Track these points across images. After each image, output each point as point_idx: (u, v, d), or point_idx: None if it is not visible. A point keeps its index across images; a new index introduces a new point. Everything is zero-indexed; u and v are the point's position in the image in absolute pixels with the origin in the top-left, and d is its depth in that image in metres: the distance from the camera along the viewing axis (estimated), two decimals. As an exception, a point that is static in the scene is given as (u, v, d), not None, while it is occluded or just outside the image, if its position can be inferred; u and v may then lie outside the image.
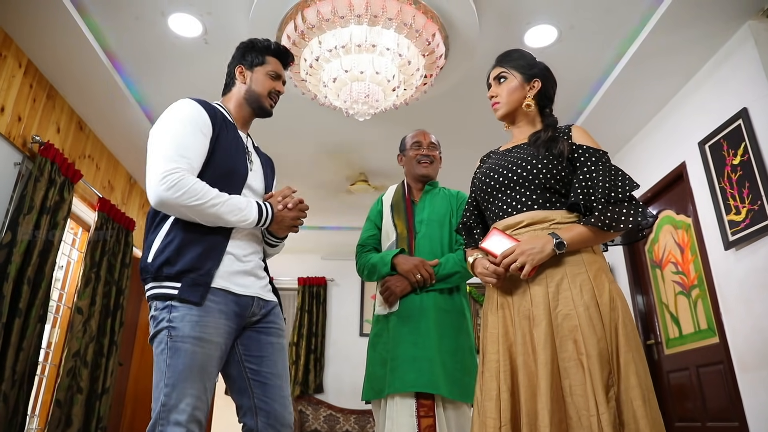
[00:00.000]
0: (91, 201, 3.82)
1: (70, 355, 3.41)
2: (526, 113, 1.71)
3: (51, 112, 3.30)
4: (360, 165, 4.69)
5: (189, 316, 1.43)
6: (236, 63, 1.80)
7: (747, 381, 2.80)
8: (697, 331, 3.30)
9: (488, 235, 1.55)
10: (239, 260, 1.57)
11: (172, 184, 1.43)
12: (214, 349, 1.46)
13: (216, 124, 1.60)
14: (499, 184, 1.62)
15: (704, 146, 3.12)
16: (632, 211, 1.46)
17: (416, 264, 2.08)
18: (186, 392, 1.40)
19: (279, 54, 1.81)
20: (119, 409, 4.12)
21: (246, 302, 1.57)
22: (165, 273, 1.45)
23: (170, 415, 1.38)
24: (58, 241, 3.14)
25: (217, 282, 1.49)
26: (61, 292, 3.76)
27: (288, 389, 1.62)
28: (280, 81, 1.80)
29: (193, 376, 1.41)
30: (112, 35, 3.02)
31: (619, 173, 1.52)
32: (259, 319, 1.63)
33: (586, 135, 1.63)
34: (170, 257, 1.46)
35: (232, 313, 1.51)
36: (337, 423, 5.55)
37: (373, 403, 2.14)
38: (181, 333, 1.43)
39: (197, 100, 1.63)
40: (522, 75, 1.69)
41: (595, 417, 1.28)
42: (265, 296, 1.64)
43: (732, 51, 2.95)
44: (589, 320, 1.37)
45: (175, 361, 1.41)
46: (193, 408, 1.40)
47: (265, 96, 1.76)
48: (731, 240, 2.88)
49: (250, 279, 1.59)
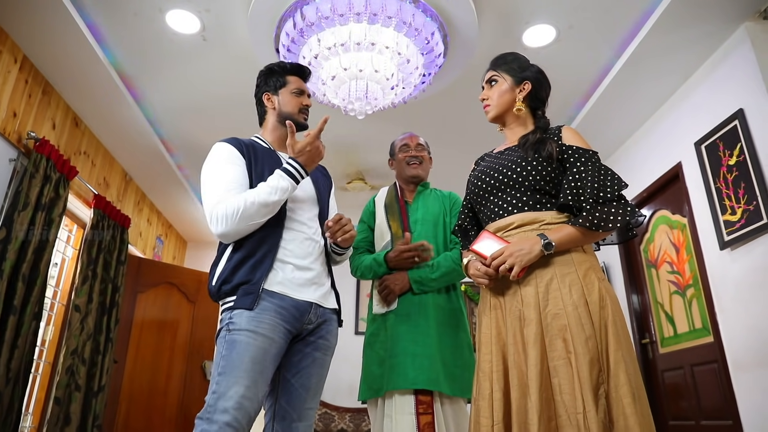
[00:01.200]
0: (87, 198, 3.80)
1: (69, 353, 3.39)
2: (517, 116, 1.72)
3: (46, 108, 3.28)
4: (357, 163, 4.70)
5: (246, 313, 1.55)
6: (261, 91, 1.93)
7: (741, 380, 2.82)
8: (692, 331, 3.33)
9: (479, 237, 1.57)
10: (298, 269, 1.67)
11: (216, 219, 1.60)
12: (269, 344, 1.54)
13: (245, 154, 1.74)
14: (490, 187, 1.64)
15: (700, 146, 3.14)
16: (620, 210, 1.47)
17: (400, 248, 2.11)
18: (236, 381, 1.46)
19: (297, 71, 1.93)
20: (114, 407, 4.10)
21: (304, 307, 1.65)
22: (224, 290, 1.61)
23: (218, 401, 1.44)
24: (53, 238, 3.11)
25: (274, 287, 1.60)
26: (56, 290, 3.74)
27: (313, 403, 1.67)
28: (305, 95, 1.92)
29: (244, 365, 1.48)
30: (109, 31, 3.00)
31: (609, 173, 1.53)
32: (312, 329, 1.69)
33: (576, 136, 1.64)
34: (227, 277, 1.61)
35: (288, 315, 1.60)
36: (333, 421, 5.55)
37: (369, 403, 2.14)
38: (238, 327, 1.54)
39: (226, 139, 1.79)
40: (512, 78, 1.71)
41: (582, 415, 1.29)
42: (325, 304, 1.71)
43: (729, 52, 2.97)
44: (578, 319, 1.39)
45: (229, 351, 1.51)
46: (240, 396, 1.44)
47: (296, 113, 1.88)
48: (726, 240, 2.90)
49: (311, 287, 1.68)
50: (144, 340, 4.47)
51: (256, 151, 1.79)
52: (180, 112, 3.80)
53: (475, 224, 1.75)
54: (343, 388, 5.82)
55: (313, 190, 1.85)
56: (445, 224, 2.29)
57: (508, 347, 1.46)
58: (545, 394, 1.35)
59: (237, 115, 3.80)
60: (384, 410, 2.01)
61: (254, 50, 3.09)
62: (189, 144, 4.24)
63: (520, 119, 1.72)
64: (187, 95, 3.60)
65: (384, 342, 2.11)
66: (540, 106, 1.74)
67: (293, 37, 2.78)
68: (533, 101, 1.72)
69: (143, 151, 4.17)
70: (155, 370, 4.49)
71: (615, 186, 1.50)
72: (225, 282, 1.60)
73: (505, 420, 1.40)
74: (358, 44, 2.69)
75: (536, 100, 1.72)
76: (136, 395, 4.31)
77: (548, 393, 1.36)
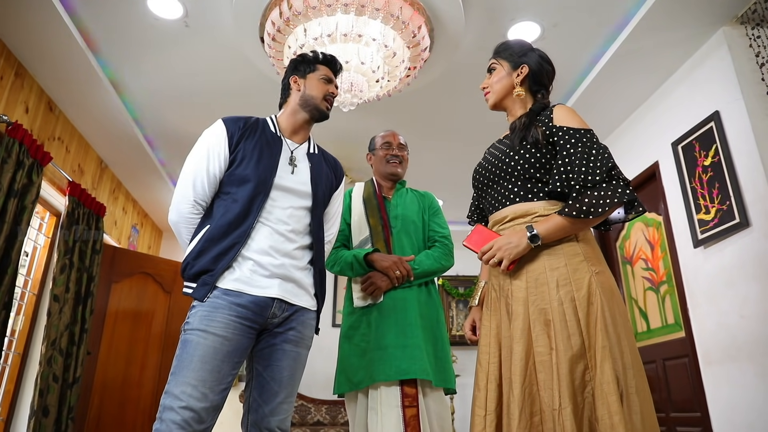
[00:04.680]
0: (60, 185, 3.69)
1: (49, 343, 3.31)
2: (518, 100, 1.68)
3: (19, 91, 3.17)
4: (338, 156, 4.66)
5: (200, 311, 1.56)
6: (289, 75, 1.90)
7: (710, 374, 2.92)
8: (665, 326, 3.42)
9: (472, 232, 1.58)
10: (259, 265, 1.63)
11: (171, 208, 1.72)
12: (220, 343, 1.52)
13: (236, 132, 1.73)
14: (487, 180, 1.63)
15: (677, 147, 3.22)
16: (609, 192, 1.40)
17: (395, 261, 2.12)
18: (183, 380, 1.47)
19: (328, 62, 1.91)
20: (87, 398, 4.02)
21: (265, 302, 1.61)
22: (187, 273, 1.63)
23: (167, 400, 1.46)
24: (25, 226, 3.02)
25: (229, 284, 1.59)
26: (27, 279, 3.63)
27: (286, 396, 1.63)
28: (333, 84, 1.90)
29: (193, 364, 1.48)
30: (87, 13, 2.91)
31: (598, 153, 1.44)
32: (280, 323, 1.66)
33: (569, 114, 1.54)
34: (191, 260, 1.63)
35: (246, 311, 1.58)
36: (309, 413, 5.54)
37: (347, 396, 2.13)
38: (191, 326, 1.55)
39: (227, 118, 1.77)
40: (509, 63, 1.68)
41: (557, 411, 1.29)
42: (291, 299, 1.66)
43: (706, 55, 3.04)
44: (562, 316, 1.38)
45: (181, 351, 1.53)
46: (188, 396, 1.44)
47: (320, 99, 1.85)
48: (700, 238, 2.98)
49: (275, 281, 1.64)
50: (118, 331, 4.38)
51: (255, 131, 1.76)
52: (159, 99, 3.72)
53: (484, 216, 1.76)
54: (320, 381, 5.81)
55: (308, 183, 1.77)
56: (424, 222, 2.34)
57: (503, 340, 1.47)
58: (529, 388, 1.36)
59: (218, 105, 3.74)
60: (367, 403, 2.01)
61: (238, 38, 3.04)
62: (168, 132, 4.16)
63: (520, 104, 1.67)
64: (167, 82, 3.52)
65: (366, 335, 2.11)
66: (541, 90, 1.67)
67: (279, 26, 2.74)
68: (534, 85, 1.67)
69: (120, 139, 4.07)
70: (129, 362, 4.41)
71: (603, 167, 1.42)
72: (189, 265, 1.62)
73: (497, 410, 1.42)
74: (344, 35, 2.67)
75: (537, 84, 1.67)
76: (109, 387, 4.23)
77: (533, 388, 1.37)
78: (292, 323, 1.67)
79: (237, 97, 3.66)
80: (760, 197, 2.63)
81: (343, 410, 5.38)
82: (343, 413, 5.46)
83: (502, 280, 1.54)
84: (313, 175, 1.81)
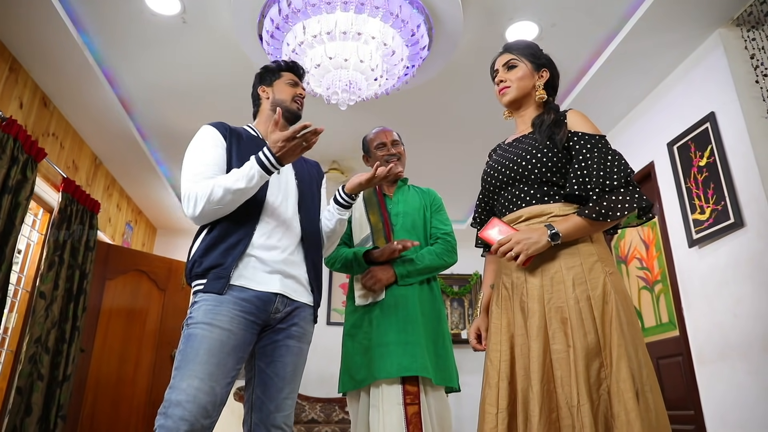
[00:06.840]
0: (54, 181, 3.66)
1: (32, 341, 3.27)
2: (534, 101, 1.71)
3: (13, 86, 3.14)
4: (333, 154, 4.66)
5: (204, 305, 1.55)
6: (257, 86, 1.98)
7: (704, 373, 2.95)
8: (659, 325, 3.45)
9: (488, 224, 1.57)
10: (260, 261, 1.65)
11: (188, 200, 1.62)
12: (226, 336, 1.52)
13: (227, 138, 1.77)
14: (500, 182, 1.64)
15: (673, 147, 3.24)
16: (627, 197, 1.45)
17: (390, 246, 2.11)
18: (190, 374, 1.45)
19: (291, 68, 1.99)
20: (80, 396, 4.00)
21: (268, 297, 1.63)
22: (195, 272, 1.62)
23: (173, 395, 1.44)
24: (19, 222, 3.00)
25: (233, 280, 1.60)
26: (20, 276, 3.60)
27: (290, 392, 1.65)
28: (299, 86, 1.97)
29: (199, 358, 1.47)
30: (84, 8, 2.89)
31: (615, 159, 1.50)
32: (282, 318, 1.67)
33: (583, 120, 1.61)
34: (198, 258, 1.63)
35: (250, 306, 1.59)
36: (303, 411, 5.53)
37: (350, 395, 2.13)
38: (195, 320, 1.55)
39: (212, 123, 1.81)
40: (532, 64, 1.71)
41: (576, 408, 1.31)
42: (292, 295, 1.69)
43: (702, 57, 3.06)
44: (579, 314, 1.39)
45: (185, 345, 1.51)
46: (195, 389, 1.43)
47: (290, 101, 1.92)
48: (695, 238, 3.01)
49: (275, 276, 1.66)
50: (112, 328, 4.36)
51: (241, 136, 1.81)
52: (155, 96, 3.69)
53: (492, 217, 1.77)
54: (314, 378, 5.81)
55: (294, 180, 1.86)
56: (425, 219, 2.32)
57: (516, 338, 1.48)
58: (547, 386, 1.37)
59: (214, 102, 3.72)
60: (369, 401, 2.01)
61: (236, 35, 3.02)
62: (164, 129, 4.13)
63: (535, 105, 1.72)
64: (163, 79, 3.50)
65: (368, 332, 2.11)
66: (552, 95, 1.75)
67: (278, 23, 2.73)
68: (548, 89, 1.72)
69: (115, 135, 4.04)
70: (123, 359, 4.39)
71: (621, 173, 1.47)
72: (196, 263, 1.62)
73: (509, 408, 1.42)
74: (344, 33, 2.66)
75: (551, 88, 1.73)
76: (103, 385, 4.21)
77: (550, 385, 1.38)
78: (294, 319, 1.70)
79: (235, 95, 3.64)
80: (755, 198, 2.66)
81: (338, 408, 5.38)
82: (337, 411, 5.46)
83: (515, 278, 1.55)
84: (297, 171, 1.90)
